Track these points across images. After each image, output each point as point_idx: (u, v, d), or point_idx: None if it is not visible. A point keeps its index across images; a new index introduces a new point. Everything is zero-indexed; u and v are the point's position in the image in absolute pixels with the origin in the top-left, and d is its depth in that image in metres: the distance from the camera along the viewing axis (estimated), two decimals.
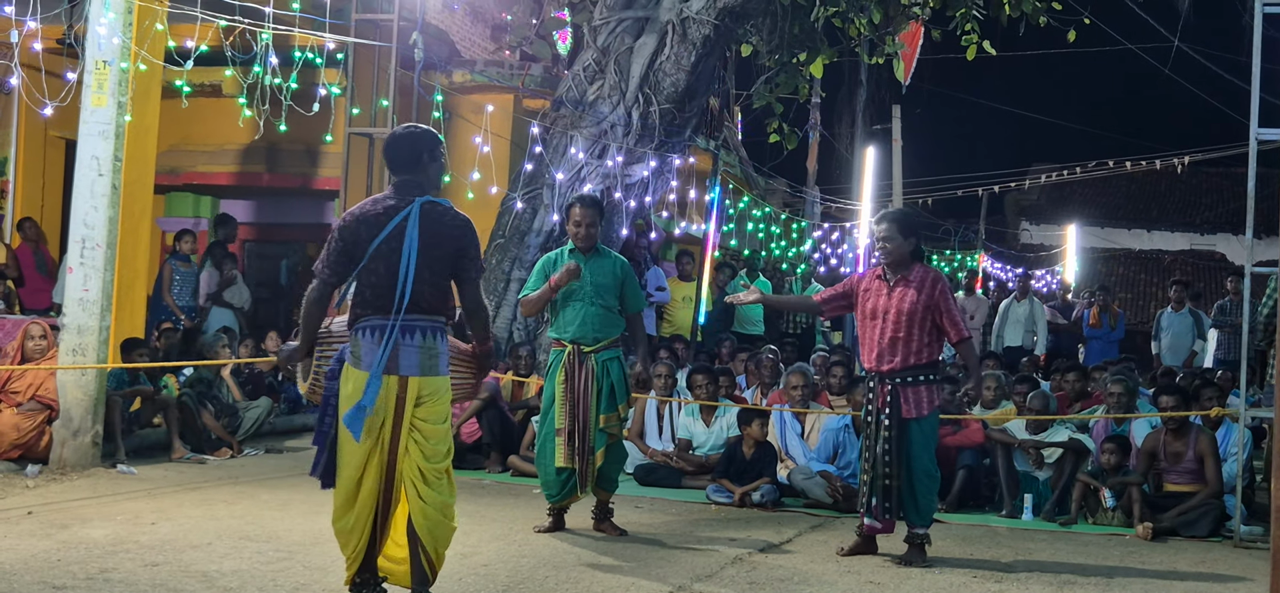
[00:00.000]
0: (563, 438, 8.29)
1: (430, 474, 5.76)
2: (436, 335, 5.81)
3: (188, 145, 15.74)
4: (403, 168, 5.95)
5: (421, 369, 5.75)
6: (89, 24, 10.41)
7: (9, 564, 6.80)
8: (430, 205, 5.82)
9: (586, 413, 8.31)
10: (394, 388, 5.72)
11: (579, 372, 8.31)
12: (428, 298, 5.76)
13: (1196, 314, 17.22)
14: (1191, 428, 9.87)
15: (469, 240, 5.90)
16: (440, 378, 5.83)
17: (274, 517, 8.52)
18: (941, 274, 8.12)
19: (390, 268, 5.71)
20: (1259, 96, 9.24)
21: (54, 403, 10.27)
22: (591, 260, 8.50)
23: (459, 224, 5.90)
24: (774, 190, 26.90)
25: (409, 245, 5.69)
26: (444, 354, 5.87)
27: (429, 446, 5.77)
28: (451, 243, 5.83)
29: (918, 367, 7.89)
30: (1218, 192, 41.41)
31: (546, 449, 8.41)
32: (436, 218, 5.81)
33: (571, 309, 8.42)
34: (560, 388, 8.32)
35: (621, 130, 13.62)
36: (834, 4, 14.04)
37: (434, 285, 5.79)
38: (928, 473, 7.96)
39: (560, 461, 8.30)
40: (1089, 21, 15.97)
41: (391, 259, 5.71)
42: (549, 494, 8.51)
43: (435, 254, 5.77)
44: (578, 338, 8.36)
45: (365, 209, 5.88)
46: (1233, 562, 8.56)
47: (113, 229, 10.40)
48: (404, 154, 5.96)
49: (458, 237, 5.85)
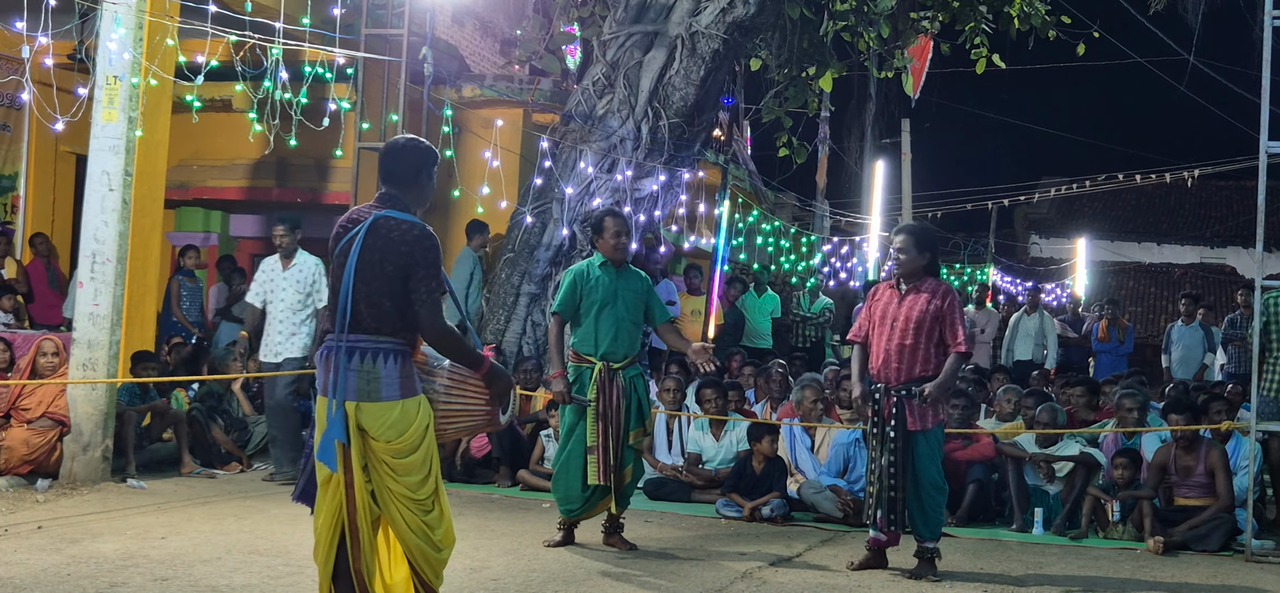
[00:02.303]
0: (597, 455, 8.24)
1: (410, 505, 5.35)
2: (377, 358, 5.24)
3: (198, 160, 15.77)
4: (394, 180, 5.55)
5: (358, 393, 5.24)
6: (100, 39, 10.44)
7: (19, 579, 6.81)
8: (382, 220, 5.35)
9: (619, 430, 8.29)
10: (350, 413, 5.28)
11: (610, 388, 8.29)
12: (368, 318, 5.28)
13: (1207, 328, 17.17)
14: (1202, 442, 9.84)
15: (419, 255, 5.28)
16: (383, 405, 5.25)
17: (283, 531, 8.53)
18: (953, 288, 8.12)
19: (335, 284, 5.39)
20: (1269, 110, 9.22)
21: (66, 419, 10.28)
22: (623, 275, 8.49)
23: (409, 239, 5.30)
24: (783, 204, 26.90)
25: (350, 263, 5.28)
26: (389, 378, 5.25)
27: (399, 478, 5.31)
28: (398, 259, 5.27)
29: (924, 378, 7.87)
30: (1228, 205, 41.34)
31: (572, 465, 8.37)
32: (385, 233, 5.32)
33: (604, 323, 8.36)
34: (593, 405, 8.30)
35: (631, 144, 13.63)
36: (843, 18, 14.05)
37: (375, 305, 5.27)
38: (935, 485, 7.94)
39: (594, 478, 8.26)
40: (1098, 35, 15.98)
41: (338, 275, 5.36)
42: (568, 508, 8.48)
43: (381, 271, 5.28)
44: (609, 354, 8.32)
45: (340, 220, 5.57)
46: (1244, 576, 8.52)
47: (123, 244, 10.42)
48: (402, 166, 5.57)
49: (406, 252, 5.28)
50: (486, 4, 18.09)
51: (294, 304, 11.18)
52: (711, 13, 13.42)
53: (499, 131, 13.94)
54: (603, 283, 8.43)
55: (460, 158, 13.81)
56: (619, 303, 8.38)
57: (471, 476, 11.54)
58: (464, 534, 8.71)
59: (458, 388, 5.49)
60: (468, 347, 5.46)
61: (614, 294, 8.39)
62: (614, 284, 8.42)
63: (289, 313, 11.18)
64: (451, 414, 5.50)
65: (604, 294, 8.41)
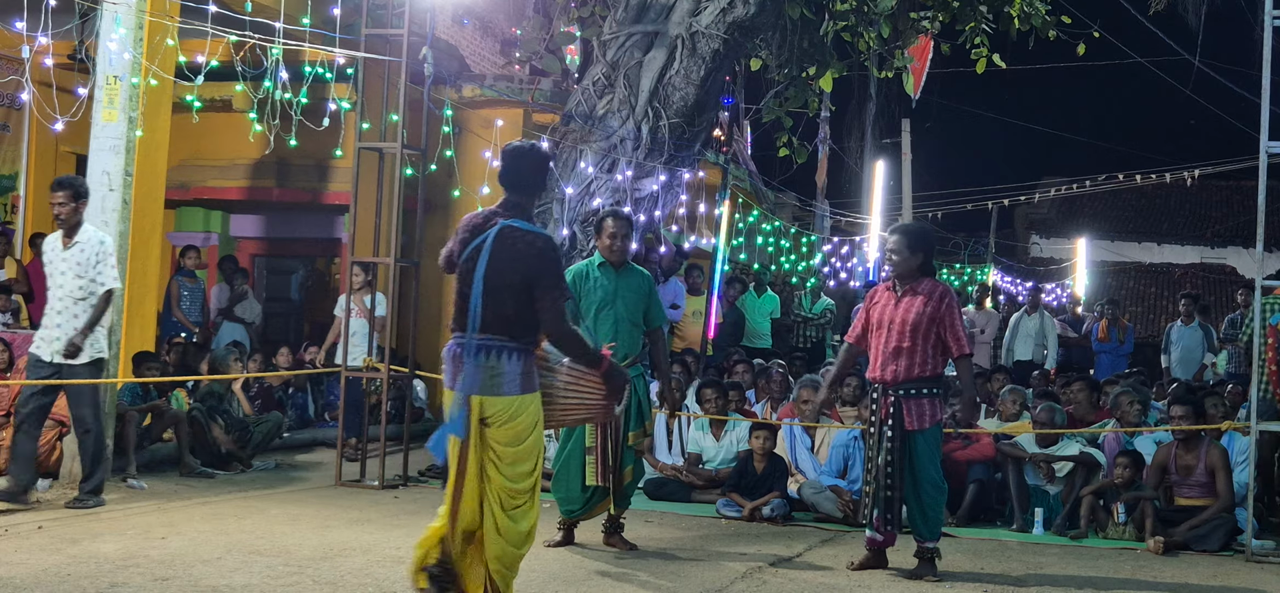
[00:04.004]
0: (595, 456, 8.23)
1: (507, 499, 5.80)
2: (501, 355, 5.77)
3: (198, 160, 15.76)
4: (517, 186, 6.04)
5: (482, 388, 5.76)
6: (100, 39, 10.43)
7: (19, 579, 6.82)
8: (508, 230, 5.84)
9: (619, 431, 8.29)
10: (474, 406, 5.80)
11: None
12: (494, 320, 5.77)
13: (1206, 328, 17.17)
14: (1202, 441, 9.84)
15: (544, 266, 5.82)
16: (505, 399, 5.78)
17: (284, 531, 8.53)
18: (950, 289, 8.11)
19: (465, 288, 5.87)
20: (1269, 110, 9.22)
21: (66, 419, 10.27)
22: (622, 275, 8.49)
23: (534, 250, 5.84)
24: (784, 204, 26.89)
25: (479, 270, 5.76)
26: (512, 373, 5.79)
27: (504, 467, 5.80)
28: (525, 268, 5.79)
29: (921, 379, 7.88)
30: (1228, 205, 41.32)
31: (572, 466, 8.37)
32: (511, 242, 5.82)
33: (603, 324, 8.34)
34: None
35: (631, 144, 13.62)
36: (843, 18, 14.04)
37: (501, 308, 5.77)
38: (934, 485, 7.94)
39: (592, 478, 8.25)
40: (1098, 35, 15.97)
41: (468, 280, 5.85)
42: (569, 509, 8.48)
43: (508, 279, 5.77)
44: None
45: (472, 219, 6.05)
46: (1245, 576, 8.54)
47: (123, 244, 10.41)
48: (525, 173, 6.06)
49: (532, 262, 5.80)
50: (486, 4, 18.09)
51: (74, 291, 9.39)
52: (711, 13, 13.41)
53: (499, 131, 13.93)
54: (602, 283, 8.43)
55: (460, 158, 13.81)
56: (618, 303, 8.38)
57: None
58: None
59: (576, 382, 6.02)
60: (589, 347, 6.02)
61: (613, 294, 8.39)
62: (613, 284, 8.42)
63: (68, 301, 9.39)
64: (570, 406, 6.07)
65: (603, 294, 8.41)
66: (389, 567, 7.51)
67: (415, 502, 10.17)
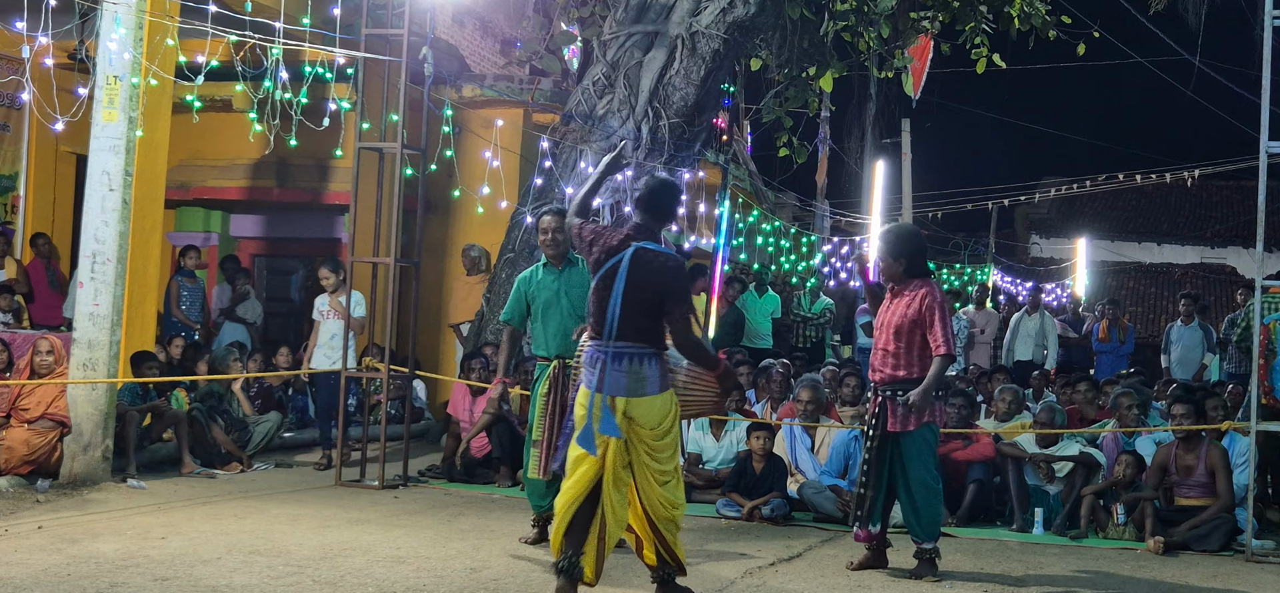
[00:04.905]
0: (540, 449, 8.28)
1: (658, 478, 6.62)
2: (642, 361, 6.54)
3: (198, 160, 15.75)
4: (652, 212, 6.80)
5: (627, 390, 6.51)
6: (100, 39, 10.44)
7: (19, 579, 6.82)
8: (642, 251, 6.56)
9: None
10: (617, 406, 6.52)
11: (567, 384, 8.29)
12: (630, 330, 6.50)
13: (1206, 328, 17.17)
14: (1202, 441, 9.84)
15: (674, 284, 6.58)
16: (649, 399, 6.54)
17: (284, 531, 8.53)
18: (936, 289, 7.99)
19: (601, 302, 6.59)
20: (1269, 110, 9.22)
21: (66, 420, 10.27)
22: (564, 272, 8.53)
23: (666, 270, 6.59)
24: (783, 204, 26.89)
25: (618, 287, 6.48)
26: (652, 376, 6.55)
27: (655, 455, 6.61)
28: (657, 285, 6.53)
29: (907, 380, 7.88)
30: (1228, 205, 41.30)
31: (530, 461, 8.45)
32: (645, 263, 6.54)
33: (551, 323, 8.45)
34: (541, 400, 8.32)
35: (631, 144, 13.62)
36: (843, 18, 14.05)
37: (637, 320, 6.52)
38: (926, 485, 7.93)
39: (533, 471, 8.32)
40: (1099, 35, 15.98)
41: (605, 294, 6.57)
42: (536, 504, 8.57)
43: (643, 295, 6.51)
44: (561, 353, 8.34)
45: (604, 233, 6.78)
46: (1244, 576, 8.53)
47: (123, 244, 10.42)
48: (664, 202, 6.87)
49: (664, 280, 6.55)
50: (486, 4, 18.08)
51: None
52: (712, 13, 13.42)
53: (499, 131, 13.93)
54: (546, 284, 8.53)
55: (460, 158, 13.81)
56: (562, 301, 8.44)
57: (471, 475, 11.54)
58: (464, 535, 8.75)
59: (695, 382, 6.87)
60: (709, 353, 6.83)
61: (557, 294, 8.47)
62: (556, 283, 8.49)
63: None
64: (689, 401, 6.88)
65: (547, 295, 8.50)
66: (389, 567, 7.52)
67: (415, 502, 10.17)
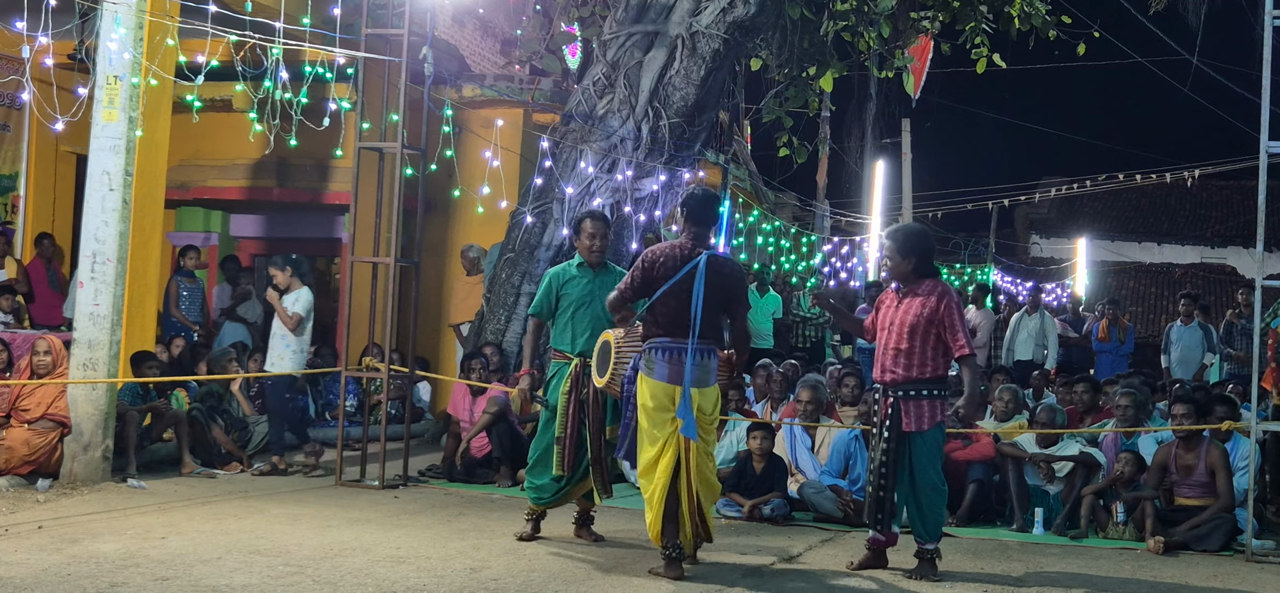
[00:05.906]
0: (562, 447, 8.34)
1: (704, 452, 7.58)
2: (710, 355, 7.58)
3: (198, 160, 15.75)
4: (700, 222, 7.70)
5: (698, 382, 7.52)
6: (100, 39, 10.43)
7: (19, 579, 6.82)
8: (713, 258, 7.59)
9: (597, 425, 8.32)
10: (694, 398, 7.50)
11: (587, 384, 8.32)
12: (707, 329, 7.49)
13: (1206, 328, 17.16)
14: (1202, 441, 9.84)
15: (741, 286, 7.83)
16: (712, 388, 7.64)
17: (284, 531, 8.53)
18: (950, 289, 8.07)
19: (681, 303, 7.47)
20: (1269, 110, 9.22)
21: (66, 420, 10.27)
22: (599, 275, 8.60)
23: (734, 275, 7.78)
24: (784, 204, 26.89)
25: (697, 290, 7.43)
26: (713, 368, 7.62)
27: (707, 435, 7.63)
28: (727, 287, 7.66)
29: (921, 381, 7.87)
30: (1228, 205, 41.31)
31: (547, 457, 8.48)
32: (717, 269, 7.59)
33: (580, 322, 8.52)
34: (564, 399, 8.37)
35: (631, 144, 13.62)
36: (844, 18, 14.04)
37: (711, 320, 7.53)
38: (933, 486, 7.93)
39: (556, 468, 8.37)
40: (1099, 35, 15.98)
41: (683, 297, 7.47)
42: (540, 497, 8.60)
43: (716, 297, 7.55)
44: (585, 351, 8.39)
45: (665, 253, 7.60)
46: (1244, 576, 8.52)
47: (123, 244, 10.42)
48: (706, 212, 7.73)
49: (732, 285, 7.72)
50: (487, 4, 18.08)
51: None
52: (712, 13, 13.41)
53: (499, 131, 13.92)
54: (579, 283, 8.62)
55: (460, 158, 13.81)
56: (596, 302, 8.50)
57: (471, 475, 11.54)
58: (464, 535, 8.75)
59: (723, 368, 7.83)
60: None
61: (590, 294, 8.55)
62: (591, 284, 8.59)
63: None
64: None
65: (580, 294, 8.58)
66: (389, 567, 7.52)
67: (415, 502, 10.17)
